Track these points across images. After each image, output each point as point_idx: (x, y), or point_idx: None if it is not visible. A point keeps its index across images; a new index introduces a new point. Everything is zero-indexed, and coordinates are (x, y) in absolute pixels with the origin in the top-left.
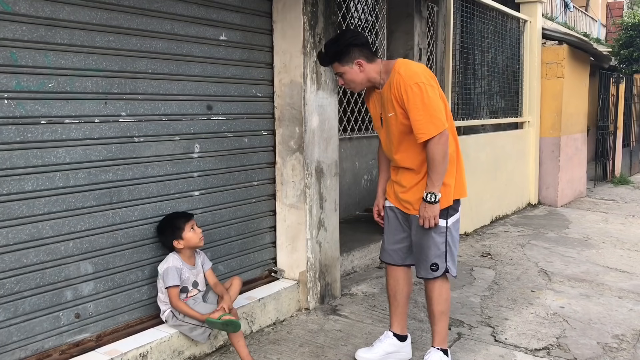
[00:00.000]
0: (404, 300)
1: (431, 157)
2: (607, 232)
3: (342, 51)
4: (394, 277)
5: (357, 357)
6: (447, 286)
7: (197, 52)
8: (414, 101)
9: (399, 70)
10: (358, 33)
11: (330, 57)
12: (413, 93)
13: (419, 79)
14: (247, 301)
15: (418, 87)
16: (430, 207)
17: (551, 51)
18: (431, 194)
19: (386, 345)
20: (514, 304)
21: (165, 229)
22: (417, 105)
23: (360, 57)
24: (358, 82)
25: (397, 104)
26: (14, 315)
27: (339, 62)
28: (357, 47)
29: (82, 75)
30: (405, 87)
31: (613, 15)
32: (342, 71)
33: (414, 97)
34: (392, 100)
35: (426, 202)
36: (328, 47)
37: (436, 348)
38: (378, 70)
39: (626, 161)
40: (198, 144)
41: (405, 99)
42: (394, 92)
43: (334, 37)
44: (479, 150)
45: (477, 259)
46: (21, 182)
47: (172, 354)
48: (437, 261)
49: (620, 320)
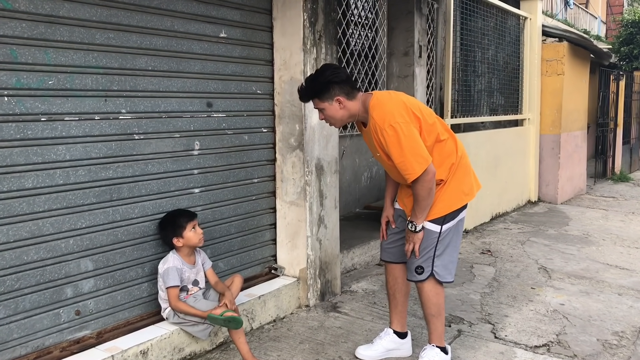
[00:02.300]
0: (403, 298)
1: (416, 194)
2: (607, 229)
3: (322, 88)
4: (392, 275)
5: (358, 354)
6: (437, 290)
7: (197, 50)
8: (392, 144)
9: (372, 114)
10: (338, 69)
11: (310, 93)
12: (389, 136)
13: (392, 119)
14: (248, 298)
15: (393, 130)
16: (412, 235)
17: (551, 48)
18: (412, 224)
19: (386, 342)
20: (514, 301)
21: (167, 225)
22: (395, 147)
23: (340, 94)
24: (338, 118)
25: (378, 147)
26: (14, 312)
27: (318, 99)
28: (337, 84)
29: (82, 72)
30: (382, 131)
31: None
32: (322, 107)
33: (391, 140)
34: (375, 143)
35: (410, 230)
36: (308, 83)
37: (432, 345)
38: (357, 107)
39: (626, 158)
40: (198, 141)
41: (384, 143)
42: (374, 136)
43: (314, 74)
44: (479, 148)
45: (477, 256)
46: (21, 179)
47: (173, 351)
48: (423, 264)
49: (620, 317)
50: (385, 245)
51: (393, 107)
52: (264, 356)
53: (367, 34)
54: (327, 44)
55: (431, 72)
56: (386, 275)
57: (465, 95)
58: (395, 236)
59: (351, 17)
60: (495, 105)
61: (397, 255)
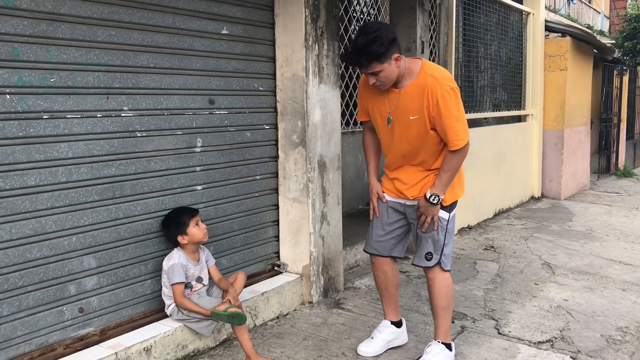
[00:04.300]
0: (395, 290)
1: (451, 164)
2: (610, 225)
3: (385, 50)
4: (382, 269)
5: (360, 352)
6: (448, 282)
7: (199, 46)
8: (451, 106)
9: (433, 73)
10: (386, 24)
11: (372, 57)
12: (450, 98)
13: (454, 83)
14: (251, 295)
15: (455, 93)
16: (431, 208)
17: (554, 43)
18: (435, 196)
19: (386, 335)
20: (518, 297)
21: (170, 223)
22: (453, 110)
23: (398, 52)
24: (393, 78)
25: (426, 109)
26: (18, 309)
27: (378, 62)
28: (395, 41)
29: (83, 70)
30: (442, 92)
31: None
32: (380, 69)
33: (452, 102)
34: (422, 105)
35: (428, 202)
36: (367, 46)
37: (437, 341)
38: (405, 66)
39: (630, 154)
40: (200, 138)
41: (442, 104)
42: (427, 96)
43: (372, 36)
44: (482, 143)
45: (481, 252)
46: (24, 177)
47: (176, 348)
48: (432, 250)
49: (624, 312)
50: (376, 239)
51: (452, 76)
52: (267, 353)
53: None
54: (329, 41)
55: None
56: (374, 271)
57: (468, 91)
58: (388, 228)
59: (353, 13)
60: (498, 101)
61: (388, 249)
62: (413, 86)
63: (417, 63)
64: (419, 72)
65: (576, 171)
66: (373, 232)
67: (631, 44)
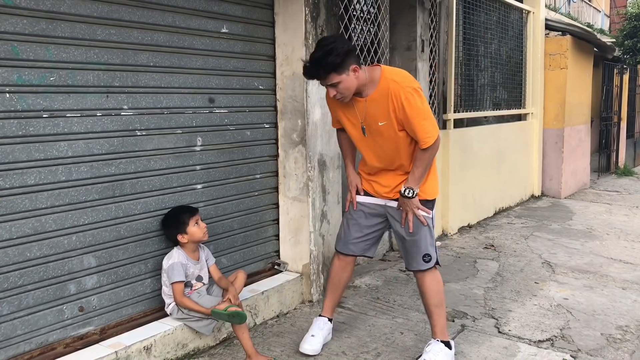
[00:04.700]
0: (344, 288)
1: (423, 159)
2: (610, 224)
3: (341, 61)
4: (344, 267)
5: (304, 350)
6: (438, 278)
7: (199, 45)
8: (415, 107)
9: (393, 78)
10: (343, 37)
11: (329, 68)
12: (414, 99)
13: (415, 84)
14: (251, 294)
15: (417, 93)
16: (409, 202)
17: (554, 42)
18: (409, 189)
19: (325, 332)
20: (518, 296)
21: (170, 223)
22: (418, 110)
23: (355, 62)
24: (353, 89)
25: (393, 113)
26: (18, 308)
27: (336, 72)
28: (352, 53)
29: (83, 68)
30: (406, 94)
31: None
32: (338, 80)
33: (416, 102)
34: (388, 110)
35: (405, 197)
36: (323, 58)
37: (436, 340)
38: (365, 75)
39: (630, 152)
40: (200, 137)
41: (407, 106)
42: (391, 100)
43: (325, 49)
44: (482, 142)
45: (481, 251)
46: (24, 176)
47: (176, 347)
48: (430, 252)
49: (624, 311)
50: (353, 240)
51: (412, 77)
52: (267, 352)
53: (369, 29)
54: None
55: (434, 67)
56: (336, 268)
57: (468, 89)
58: (366, 230)
59: (353, 11)
60: (499, 99)
61: (362, 249)
62: (377, 93)
63: (377, 70)
64: (380, 79)
65: (576, 170)
66: (350, 233)
67: (631, 42)
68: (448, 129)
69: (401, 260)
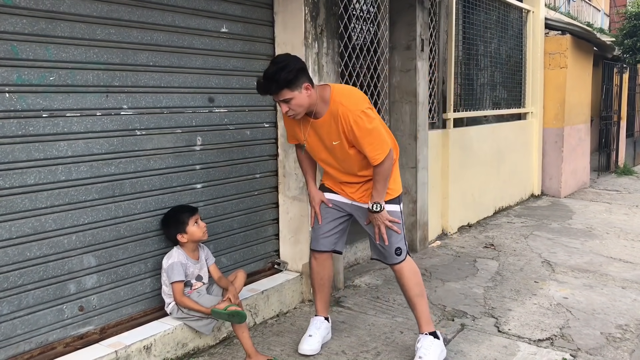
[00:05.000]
0: (329, 285)
1: (380, 174)
2: (610, 223)
3: (294, 77)
4: (322, 264)
5: (303, 351)
6: (416, 268)
7: (198, 45)
8: (364, 128)
9: (341, 101)
10: (296, 56)
11: (282, 84)
12: (362, 121)
13: (362, 105)
14: (251, 293)
15: (365, 115)
16: (379, 215)
17: (554, 41)
18: (377, 204)
19: (322, 331)
20: (518, 295)
21: (169, 222)
22: (367, 132)
23: (307, 81)
24: (305, 106)
25: (343, 135)
26: (17, 308)
27: (288, 89)
28: (305, 71)
29: (83, 68)
30: (354, 118)
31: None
32: (291, 97)
33: (364, 125)
34: (339, 131)
35: (374, 212)
36: (276, 74)
37: (424, 334)
38: (316, 95)
39: (630, 151)
40: (200, 136)
41: (356, 129)
42: (341, 124)
43: (278, 65)
44: (482, 142)
45: (480, 250)
46: (23, 175)
47: (176, 346)
48: (400, 245)
49: (624, 310)
50: (322, 236)
51: (360, 95)
52: (267, 351)
53: (369, 28)
54: (328, 39)
55: (433, 66)
56: (315, 267)
57: (468, 89)
58: (333, 224)
59: (353, 11)
60: (498, 99)
61: (332, 244)
62: (328, 115)
63: (326, 90)
64: (330, 100)
65: (576, 169)
66: (320, 228)
67: (631, 41)
68: (448, 128)
69: None
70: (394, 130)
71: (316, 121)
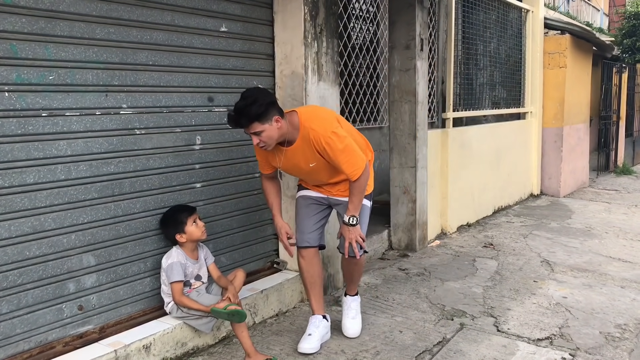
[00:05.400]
0: (321, 282)
1: (357, 187)
2: (609, 222)
3: (264, 110)
4: (310, 262)
5: (302, 350)
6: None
7: (198, 44)
8: (337, 149)
9: (311, 126)
10: (267, 90)
11: (253, 117)
12: (334, 142)
13: (331, 125)
14: (250, 293)
15: (335, 135)
16: (353, 229)
17: (553, 41)
18: (353, 217)
19: (321, 329)
20: (517, 294)
21: (168, 222)
22: (341, 151)
23: (277, 114)
24: (276, 138)
25: (318, 153)
26: (17, 307)
27: (259, 122)
28: (274, 104)
29: (82, 67)
30: (326, 140)
31: (616, 4)
32: (261, 129)
33: (337, 145)
34: (314, 154)
35: (349, 225)
36: (247, 108)
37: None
38: (287, 125)
39: (629, 151)
40: (199, 136)
41: (329, 150)
42: (315, 147)
43: (248, 99)
44: (481, 141)
45: (480, 250)
46: (23, 174)
47: (175, 346)
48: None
49: (623, 310)
50: (307, 231)
51: (327, 116)
52: (266, 350)
53: (369, 27)
54: (328, 38)
55: (433, 66)
56: (304, 266)
57: (467, 88)
58: (315, 218)
59: (352, 10)
60: (498, 98)
61: (317, 239)
62: (300, 140)
63: (294, 116)
64: (299, 126)
65: (575, 169)
66: (305, 226)
67: (630, 41)
68: (447, 127)
69: (401, 259)
70: (393, 129)
71: (289, 149)
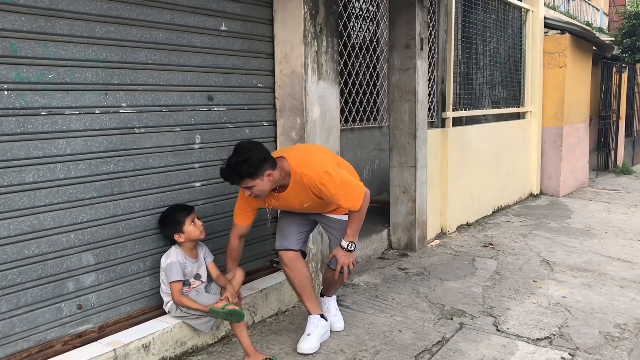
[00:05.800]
0: (311, 283)
1: (357, 216)
2: (609, 222)
3: (255, 169)
4: (293, 266)
5: (301, 350)
6: None
7: (198, 43)
8: (332, 188)
9: (303, 172)
10: (259, 144)
11: (244, 175)
12: (329, 182)
13: (323, 166)
14: (249, 292)
15: (328, 175)
16: (349, 255)
17: (553, 40)
18: (351, 243)
19: (320, 329)
20: (516, 294)
21: (166, 222)
22: (336, 189)
23: (269, 169)
24: (267, 190)
25: (314, 195)
26: (16, 306)
27: (250, 179)
28: (267, 160)
29: (82, 66)
30: (321, 182)
31: (616, 4)
32: (252, 185)
33: (332, 184)
34: (309, 195)
35: (348, 250)
36: (239, 167)
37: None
38: (279, 173)
39: (628, 151)
40: (199, 134)
41: (325, 190)
42: (310, 190)
43: (242, 157)
44: (481, 141)
45: (479, 249)
46: (22, 173)
47: (175, 345)
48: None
49: (622, 309)
50: (295, 236)
51: (316, 158)
52: (266, 350)
53: (369, 27)
54: (328, 37)
55: (433, 65)
56: (288, 272)
57: (467, 88)
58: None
59: (352, 9)
60: (497, 98)
61: (301, 244)
62: (293, 185)
63: (284, 162)
64: (290, 172)
65: (575, 168)
66: (288, 231)
67: (630, 41)
68: (447, 127)
69: (400, 258)
70: (393, 128)
71: (282, 194)
